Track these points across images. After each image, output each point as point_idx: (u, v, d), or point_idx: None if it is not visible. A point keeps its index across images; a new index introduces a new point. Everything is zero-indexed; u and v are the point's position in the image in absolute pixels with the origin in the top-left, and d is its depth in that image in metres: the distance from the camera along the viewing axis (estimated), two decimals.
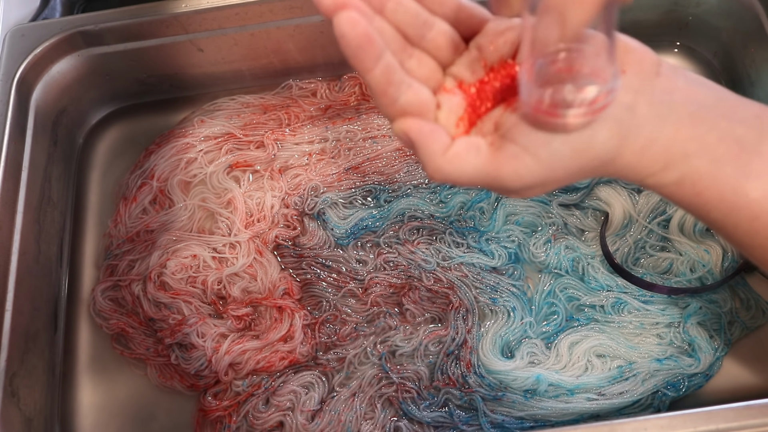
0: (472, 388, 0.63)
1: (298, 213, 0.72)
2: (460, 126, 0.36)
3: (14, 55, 0.70)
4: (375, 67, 0.33)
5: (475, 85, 0.37)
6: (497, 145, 0.34)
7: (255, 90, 0.80)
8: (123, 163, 0.78)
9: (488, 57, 0.37)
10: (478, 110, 0.37)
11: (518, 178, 0.34)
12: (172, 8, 0.71)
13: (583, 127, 0.34)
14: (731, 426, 0.52)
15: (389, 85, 0.34)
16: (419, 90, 0.35)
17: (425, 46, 0.37)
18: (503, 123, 0.35)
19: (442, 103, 0.36)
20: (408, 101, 0.34)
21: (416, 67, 0.37)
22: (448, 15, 0.37)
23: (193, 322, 0.66)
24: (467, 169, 0.34)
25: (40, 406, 0.64)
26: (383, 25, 0.35)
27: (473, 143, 0.35)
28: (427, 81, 0.37)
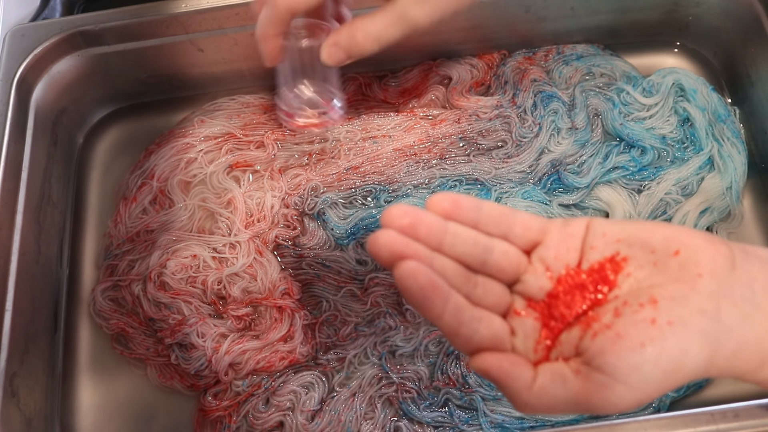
0: (472, 388, 0.63)
1: (298, 213, 0.72)
2: (539, 351, 0.35)
3: (14, 55, 0.70)
4: (444, 312, 0.33)
5: (545, 301, 0.35)
6: (584, 373, 0.32)
7: (255, 90, 0.80)
8: (123, 163, 0.78)
9: (553, 268, 0.36)
10: (555, 329, 0.35)
11: (611, 406, 0.32)
12: (172, 8, 0.71)
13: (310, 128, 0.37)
14: (731, 426, 0.52)
15: (461, 325, 0.33)
16: (491, 322, 0.34)
17: (488, 271, 0.36)
18: (586, 349, 0.33)
19: (516, 328, 0.35)
20: (482, 337, 0.34)
21: (483, 296, 0.35)
22: (505, 233, 0.36)
23: (193, 322, 0.66)
24: (556, 403, 0.33)
25: (40, 406, 0.64)
26: (444, 262, 0.34)
27: (558, 373, 0.33)
28: (496, 306, 0.36)
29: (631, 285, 0.34)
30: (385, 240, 0.33)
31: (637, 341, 0.31)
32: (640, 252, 0.34)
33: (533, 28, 0.77)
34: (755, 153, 0.73)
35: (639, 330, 0.31)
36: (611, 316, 0.33)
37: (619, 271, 0.34)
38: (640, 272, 0.33)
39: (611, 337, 0.32)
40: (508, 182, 0.72)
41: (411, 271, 0.32)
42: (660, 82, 0.75)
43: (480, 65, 0.78)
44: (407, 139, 0.74)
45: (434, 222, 0.35)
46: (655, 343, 0.31)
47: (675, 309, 0.32)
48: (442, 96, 0.78)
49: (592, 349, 0.32)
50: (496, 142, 0.74)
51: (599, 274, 0.34)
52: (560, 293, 0.35)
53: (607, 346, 0.32)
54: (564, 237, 0.36)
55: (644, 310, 0.32)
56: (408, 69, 0.80)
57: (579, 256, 0.35)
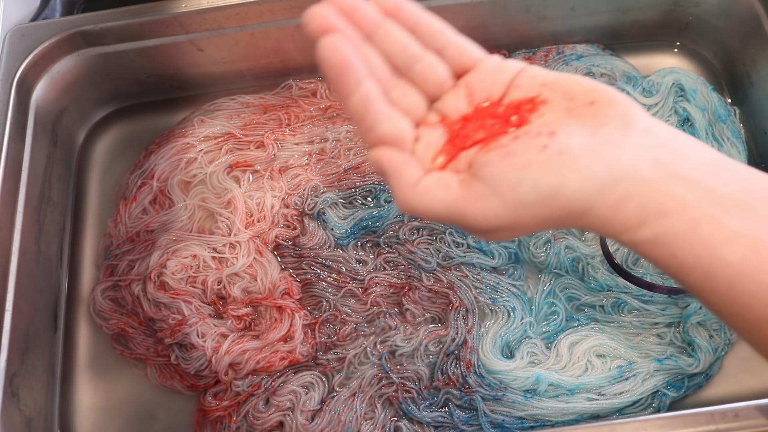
0: (472, 388, 0.63)
1: (298, 213, 0.72)
2: (437, 161, 0.36)
3: (14, 55, 0.70)
4: (353, 93, 0.34)
5: (458, 122, 0.36)
6: (467, 183, 0.34)
7: (255, 90, 0.80)
8: (123, 163, 0.78)
9: (476, 96, 0.36)
10: (457, 147, 0.36)
11: (483, 218, 0.33)
12: (172, 8, 0.71)
13: None
14: (731, 426, 0.52)
15: (367, 112, 0.34)
16: (398, 121, 0.35)
17: (412, 77, 0.37)
18: (476, 161, 0.34)
19: (421, 136, 0.36)
20: (385, 131, 0.35)
21: (400, 98, 0.36)
22: (439, 49, 0.37)
23: (193, 322, 0.66)
24: (434, 205, 0.34)
25: (40, 406, 0.64)
26: (371, 52, 0.36)
27: (444, 179, 0.35)
28: (410, 113, 0.36)
29: (539, 124, 0.34)
30: (319, 12, 0.34)
31: (523, 160, 0.32)
32: (560, 98, 0.34)
33: (533, 28, 0.77)
34: (755, 153, 0.73)
35: (528, 152, 0.33)
36: (510, 139, 0.34)
37: (534, 111, 0.35)
38: (553, 115, 0.34)
39: (501, 154, 0.33)
40: None
41: (333, 44, 0.33)
42: (660, 82, 0.75)
43: None
44: None
45: (372, 13, 0.36)
46: (539, 166, 0.32)
47: (569, 143, 0.32)
48: None
49: (482, 161, 0.34)
50: None
51: (515, 110, 0.35)
52: (473, 118, 0.36)
53: (494, 159, 0.33)
54: (495, 71, 0.37)
55: (540, 138, 0.33)
56: None
57: (503, 91, 0.36)
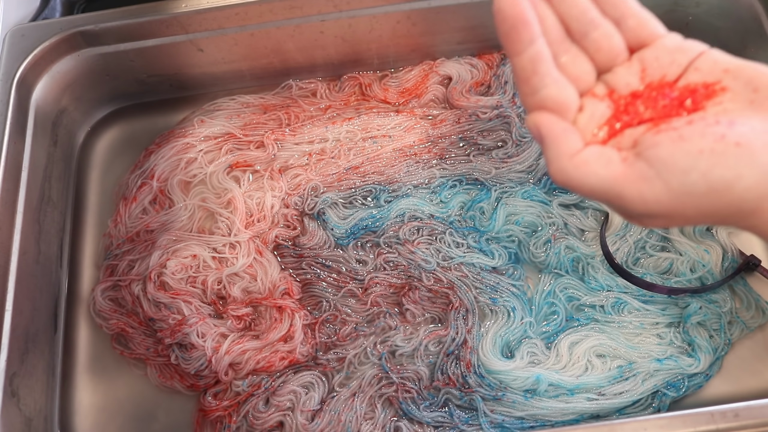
0: (472, 388, 0.63)
1: (298, 213, 0.72)
2: (599, 135, 0.34)
3: (14, 55, 0.70)
4: (524, 51, 0.32)
5: (626, 97, 0.34)
6: (630, 162, 0.32)
7: (255, 90, 0.80)
8: (123, 163, 0.78)
9: (650, 73, 0.34)
10: (623, 123, 0.34)
11: (642, 201, 0.31)
12: (172, 8, 0.71)
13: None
14: (731, 426, 0.52)
15: (534, 73, 0.33)
16: (564, 87, 0.34)
17: (586, 45, 0.35)
18: (643, 141, 0.32)
19: (585, 106, 0.35)
20: (548, 95, 0.33)
21: (569, 64, 0.35)
22: (618, 19, 0.35)
23: (193, 322, 0.66)
24: (592, 180, 0.32)
25: (40, 406, 0.64)
26: (547, 12, 0.34)
27: (605, 154, 0.33)
28: (577, 81, 0.35)
29: (716, 112, 0.32)
30: None
31: (697, 147, 0.30)
32: (742, 87, 0.32)
33: None
34: None
35: (704, 139, 0.30)
36: (683, 123, 0.32)
37: (711, 98, 0.33)
38: (732, 105, 0.32)
39: (673, 137, 0.31)
40: (508, 182, 0.72)
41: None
42: None
43: (480, 65, 0.78)
44: (407, 139, 0.74)
45: None
46: (714, 155, 0.30)
47: (749, 135, 0.30)
48: (442, 96, 0.78)
49: (648, 141, 0.32)
50: (496, 142, 0.74)
51: (691, 93, 0.33)
52: (644, 96, 0.34)
53: (664, 142, 0.31)
54: (675, 49, 0.34)
55: (718, 127, 0.31)
56: (408, 69, 0.80)
57: (680, 72, 0.34)
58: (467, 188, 0.72)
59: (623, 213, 0.34)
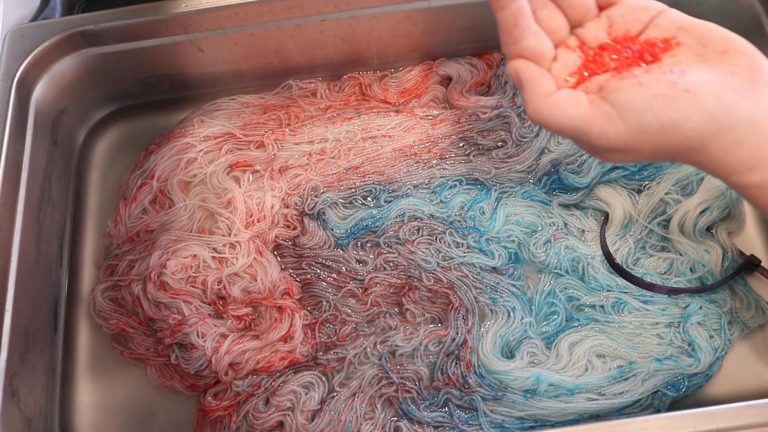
0: (472, 388, 0.63)
1: (298, 213, 0.72)
2: (569, 81, 0.39)
3: (14, 55, 0.70)
4: (507, 6, 0.38)
5: (595, 49, 0.40)
6: (596, 103, 0.37)
7: (255, 90, 0.80)
8: (123, 163, 0.78)
9: (616, 28, 0.40)
10: (591, 71, 0.39)
11: (605, 137, 0.37)
12: (172, 8, 0.71)
13: None
14: (731, 426, 0.52)
15: (515, 26, 0.38)
16: (541, 38, 0.39)
17: (561, 2, 0.40)
18: (607, 86, 0.37)
19: (559, 56, 0.40)
20: (528, 45, 0.39)
21: (546, 18, 0.40)
22: None
23: (193, 322, 0.66)
24: (562, 118, 0.37)
25: (40, 406, 0.64)
26: None
27: (575, 96, 0.38)
28: (552, 33, 0.40)
29: (671, 64, 0.37)
30: None
31: (652, 92, 0.36)
32: (695, 42, 0.38)
33: None
34: None
35: (658, 85, 0.36)
36: (642, 71, 0.37)
37: (667, 51, 0.38)
38: (684, 57, 0.38)
39: (632, 83, 0.36)
40: (508, 182, 0.72)
41: None
42: None
43: (480, 65, 0.78)
44: (407, 139, 0.74)
45: None
46: (666, 99, 0.35)
47: (697, 83, 0.35)
48: (442, 96, 0.78)
49: (612, 86, 0.37)
50: (496, 142, 0.74)
51: (650, 47, 0.39)
52: (610, 49, 0.40)
53: (625, 87, 0.37)
54: (638, 8, 0.40)
55: (671, 75, 0.36)
56: (408, 69, 0.80)
57: (642, 28, 0.40)
58: (467, 188, 0.72)
59: (588, 148, 0.39)
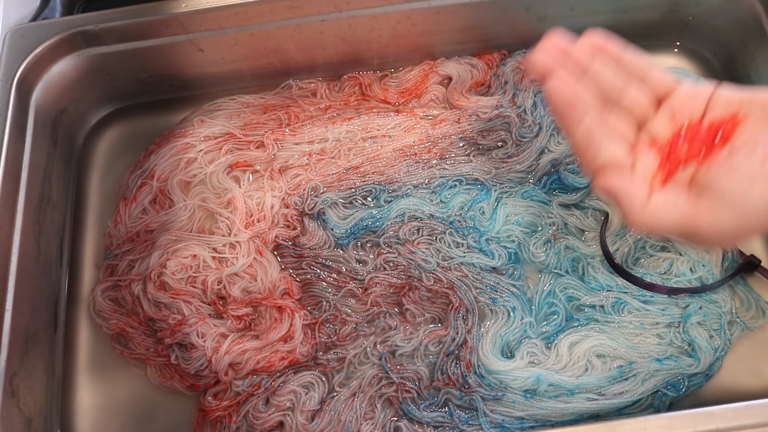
0: (472, 388, 0.63)
1: (298, 213, 0.72)
2: (655, 181, 0.40)
3: (14, 55, 0.70)
4: (578, 126, 0.38)
5: (667, 143, 0.41)
6: (694, 199, 0.38)
7: (255, 90, 0.80)
8: (123, 163, 0.78)
9: (679, 117, 0.40)
10: (671, 167, 0.40)
11: (714, 230, 0.37)
12: (172, 8, 0.71)
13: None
14: (731, 426, 0.52)
15: (590, 143, 0.39)
16: (617, 147, 0.40)
17: (623, 106, 0.41)
18: (699, 179, 0.38)
19: (637, 160, 0.40)
20: (608, 157, 0.39)
21: (615, 123, 0.41)
22: (641, 78, 0.41)
23: (193, 322, 0.66)
24: (666, 222, 0.38)
25: (40, 406, 0.64)
26: (587, 84, 0.40)
27: (671, 198, 0.39)
28: (624, 137, 0.41)
29: (746, 138, 0.38)
30: (541, 58, 0.39)
31: (749, 173, 0.36)
32: (759, 112, 0.38)
33: (533, 28, 0.77)
34: None
35: (751, 165, 0.36)
36: (727, 153, 0.38)
37: (737, 126, 0.38)
38: (756, 127, 0.38)
39: (725, 169, 0.37)
40: (508, 182, 0.72)
41: (557, 85, 0.38)
42: None
43: (480, 65, 0.78)
44: (407, 139, 0.74)
45: (585, 50, 0.41)
46: (764, 176, 0.36)
47: None
48: (442, 96, 0.78)
49: (705, 178, 0.38)
50: (496, 142, 0.74)
51: (719, 126, 0.39)
52: (681, 138, 0.40)
53: (720, 174, 0.37)
54: (692, 93, 0.41)
55: (758, 150, 0.36)
56: (408, 69, 0.80)
57: (703, 111, 0.40)
58: (467, 188, 0.72)
59: (699, 242, 0.40)
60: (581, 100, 0.39)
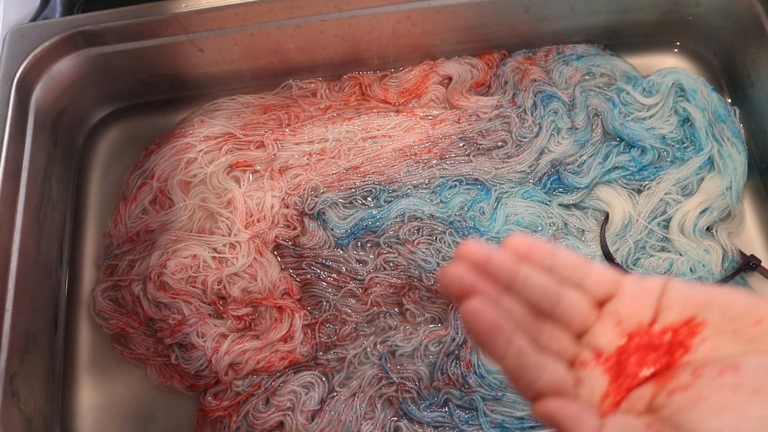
0: (472, 388, 0.63)
1: (298, 213, 0.72)
2: (605, 405, 0.33)
3: (14, 55, 0.70)
4: (506, 353, 0.33)
5: (614, 355, 0.34)
6: (657, 429, 0.31)
7: (255, 90, 0.80)
8: (123, 163, 0.78)
9: (626, 324, 0.35)
10: (624, 384, 0.34)
11: None
12: (172, 8, 0.71)
13: None
14: None
15: (524, 369, 0.33)
16: (555, 369, 0.33)
17: (557, 317, 0.35)
18: (662, 407, 0.32)
19: (582, 378, 0.34)
20: (545, 383, 0.33)
21: (549, 342, 0.35)
22: (578, 282, 0.36)
23: (193, 322, 0.66)
24: None
25: (40, 406, 0.64)
26: (512, 303, 0.35)
27: (629, 426, 0.32)
28: (562, 354, 0.35)
29: (707, 350, 0.32)
30: (455, 275, 0.33)
31: (719, 405, 0.30)
32: (719, 317, 0.33)
33: (533, 28, 0.77)
34: (755, 153, 0.73)
35: (721, 394, 0.30)
36: (689, 376, 0.32)
37: (695, 335, 0.33)
38: (718, 339, 0.33)
39: (691, 398, 0.31)
40: (508, 182, 0.72)
41: (476, 309, 0.32)
42: (660, 82, 0.75)
43: (480, 65, 0.78)
44: (407, 139, 0.74)
45: (507, 262, 0.35)
46: (738, 409, 0.30)
47: (759, 378, 0.30)
48: (442, 96, 0.78)
49: (669, 407, 0.31)
50: (496, 142, 0.74)
51: (674, 335, 0.33)
52: (631, 350, 0.34)
53: (686, 405, 0.31)
54: (639, 293, 0.35)
55: (726, 375, 0.31)
56: (408, 69, 0.80)
57: (653, 314, 0.34)
58: (467, 188, 0.72)
59: None
60: (503, 327, 0.32)
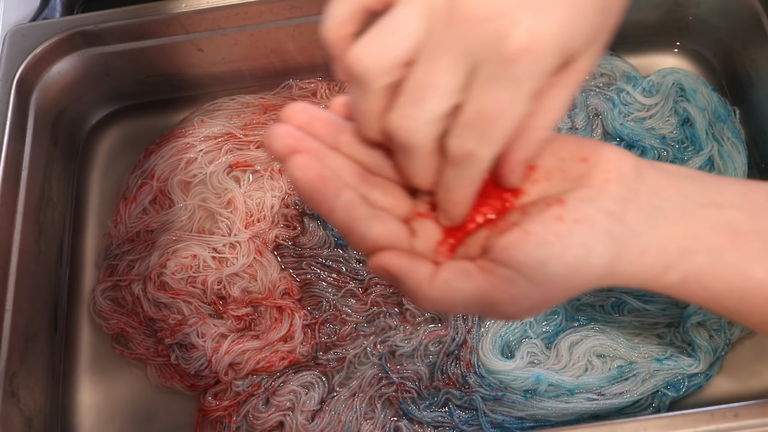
0: (472, 388, 0.63)
1: (298, 213, 0.72)
2: (441, 251, 0.34)
3: (14, 55, 0.70)
4: (335, 207, 0.32)
5: None
6: (489, 269, 0.32)
7: (255, 90, 0.80)
8: (123, 163, 0.78)
9: None
10: (457, 232, 0.34)
11: (514, 302, 0.32)
12: (172, 8, 0.71)
13: None
14: (731, 426, 0.52)
15: (354, 222, 0.32)
16: (387, 221, 0.33)
17: (388, 173, 0.35)
18: (492, 246, 0.32)
19: (417, 229, 0.34)
20: (378, 235, 0.32)
21: (381, 197, 0.34)
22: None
23: (193, 322, 0.66)
24: (458, 296, 0.32)
25: (40, 406, 0.64)
26: (339, 160, 0.34)
27: (462, 268, 0.32)
28: (395, 209, 0.34)
29: (538, 192, 0.34)
30: (280, 134, 0.33)
31: (544, 237, 0.31)
32: (549, 160, 0.34)
33: None
34: (755, 153, 0.73)
35: (546, 226, 0.31)
36: (518, 215, 0.33)
37: (527, 179, 0.34)
38: (549, 181, 0.34)
39: (518, 234, 0.31)
40: None
41: (301, 164, 0.31)
42: (660, 82, 0.75)
43: None
44: None
45: (333, 120, 0.34)
46: (562, 238, 0.31)
47: (582, 208, 0.32)
48: None
49: (498, 245, 0.32)
50: None
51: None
52: None
53: (513, 241, 0.31)
54: None
55: (551, 209, 0.32)
56: None
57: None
58: None
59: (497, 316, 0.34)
60: (329, 180, 0.32)
